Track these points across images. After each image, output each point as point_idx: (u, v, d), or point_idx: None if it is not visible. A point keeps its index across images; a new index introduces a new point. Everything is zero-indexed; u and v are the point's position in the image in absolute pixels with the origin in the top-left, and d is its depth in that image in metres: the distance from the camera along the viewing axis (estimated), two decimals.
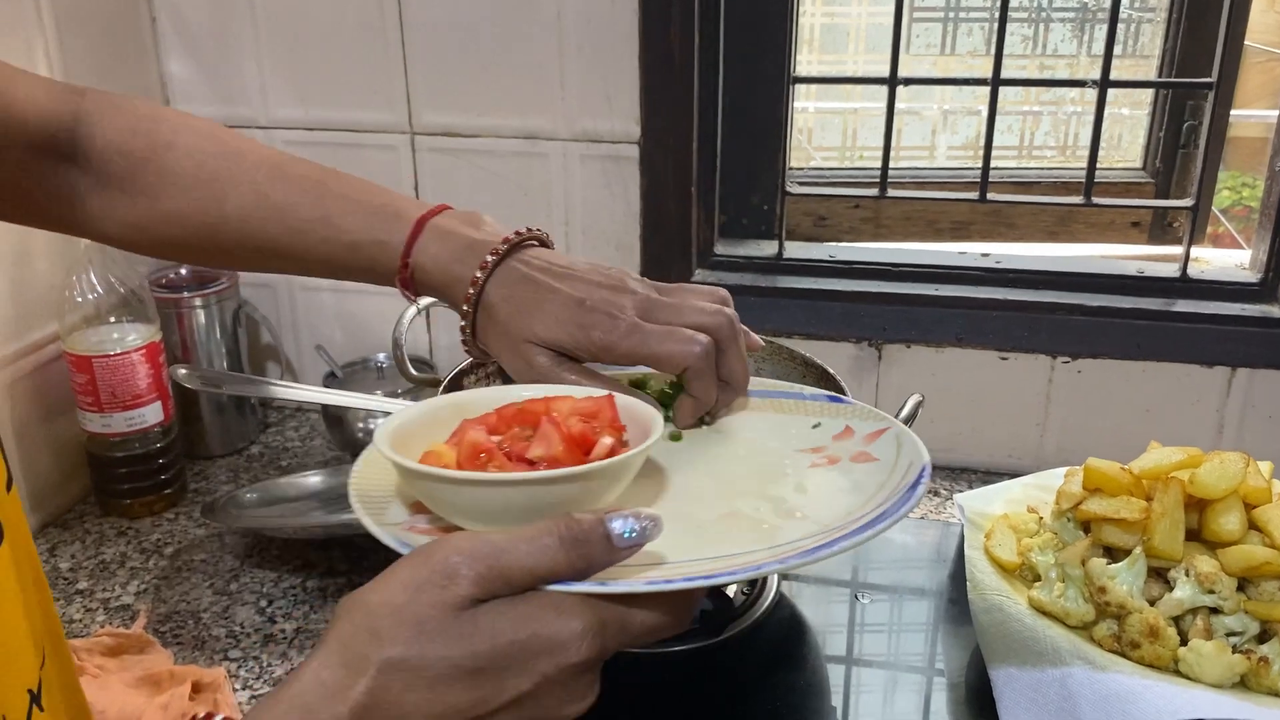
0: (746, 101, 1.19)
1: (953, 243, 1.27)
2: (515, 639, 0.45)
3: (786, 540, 0.53)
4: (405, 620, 0.45)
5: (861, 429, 0.66)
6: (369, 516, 0.54)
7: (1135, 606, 0.69)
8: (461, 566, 0.45)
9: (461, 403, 0.62)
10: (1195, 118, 1.24)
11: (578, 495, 0.52)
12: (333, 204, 0.71)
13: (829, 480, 0.60)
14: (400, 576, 0.46)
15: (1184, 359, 1.09)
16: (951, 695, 0.80)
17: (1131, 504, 0.73)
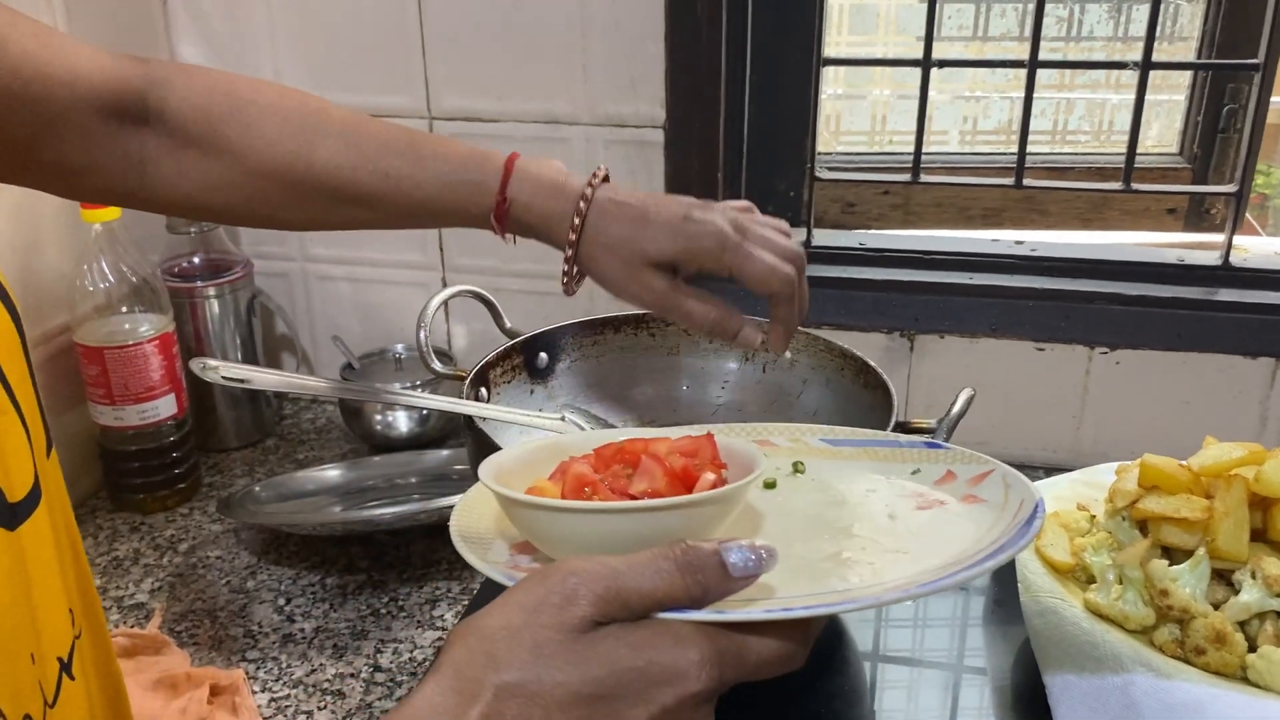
0: (774, 84, 1.16)
1: (985, 230, 1.24)
2: (634, 665, 0.43)
3: (900, 575, 0.51)
4: (522, 643, 0.43)
5: (964, 473, 0.64)
6: (473, 554, 0.53)
7: (1200, 611, 0.66)
8: (580, 587, 0.44)
9: (559, 445, 0.63)
10: (1235, 101, 1.20)
11: (682, 526, 0.51)
12: (422, 149, 0.73)
13: (937, 521, 0.59)
14: (517, 599, 0.45)
15: (1226, 350, 1.06)
16: (998, 698, 0.77)
17: (1193, 503, 0.69)
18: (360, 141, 0.73)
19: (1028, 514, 0.54)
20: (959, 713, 0.76)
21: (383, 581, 0.94)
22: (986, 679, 0.78)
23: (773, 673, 0.47)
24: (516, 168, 0.72)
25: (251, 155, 0.72)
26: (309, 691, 0.81)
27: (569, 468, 0.57)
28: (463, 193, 0.73)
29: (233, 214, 0.76)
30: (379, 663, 0.84)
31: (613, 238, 0.71)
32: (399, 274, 1.22)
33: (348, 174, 0.73)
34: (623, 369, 0.94)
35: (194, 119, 0.71)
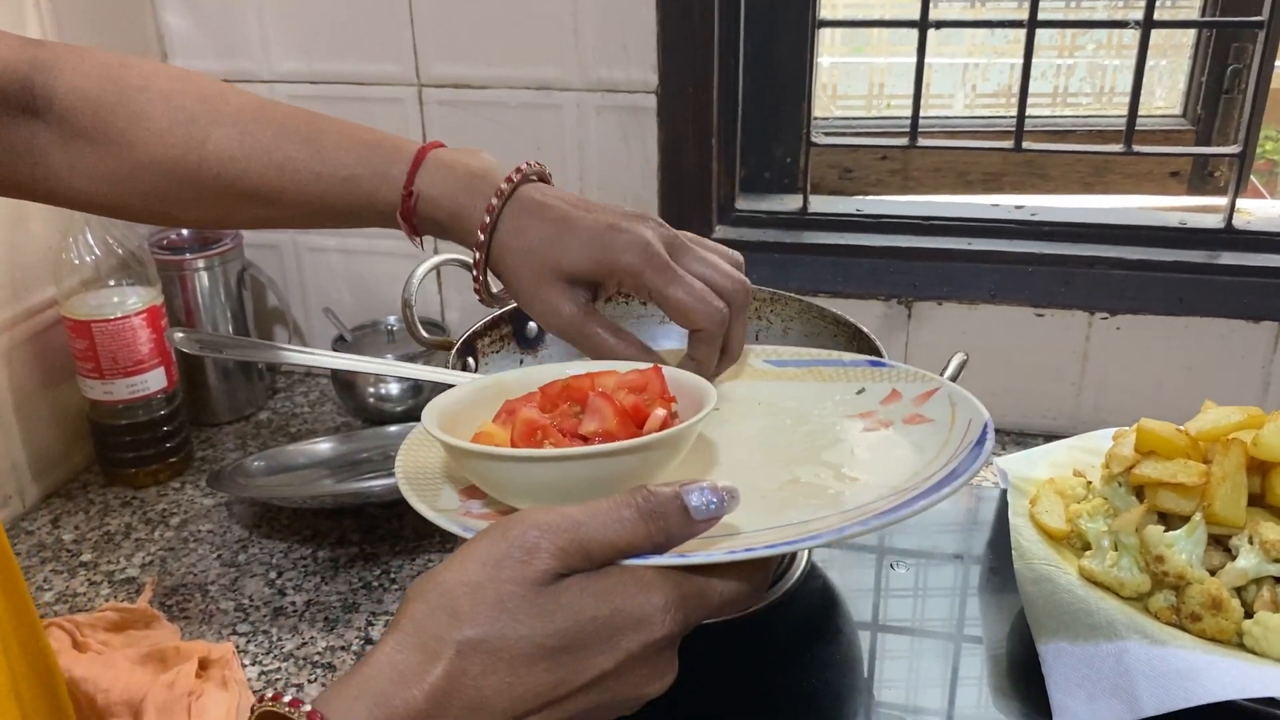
0: (769, 47, 1.14)
1: (985, 195, 1.22)
2: (598, 615, 0.43)
3: (855, 504, 0.51)
4: (485, 599, 0.43)
5: (909, 391, 0.63)
6: (424, 504, 0.53)
7: (1196, 577, 0.65)
8: (542, 540, 0.43)
9: (504, 383, 0.61)
10: (1240, 61, 1.18)
11: (638, 468, 0.50)
12: (324, 140, 0.67)
13: (886, 443, 0.58)
14: (477, 554, 0.44)
15: (1229, 314, 1.04)
16: (992, 666, 0.76)
17: (1190, 467, 0.68)
18: (256, 130, 0.67)
19: (976, 435, 0.54)
20: (955, 682, 0.75)
21: (374, 554, 0.94)
22: (982, 647, 0.77)
23: (735, 610, 0.47)
24: (429, 158, 0.65)
25: (140, 147, 0.67)
26: (299, 664, 0.81)
27: (516, 410, 0.56)
28: (366, 186, 0.66)
29: (130, 210, 0.71)
30: (370, 635, 0.83)
31: (527, 241, 0.62)
32: (391, 245, 1.21)
33: (241, 166, 0.67)
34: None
35: (81, 108, 0.67)
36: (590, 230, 0.61)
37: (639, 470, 0.51)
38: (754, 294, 0.92)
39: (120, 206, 0.70)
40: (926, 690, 0.74)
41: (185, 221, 0.73)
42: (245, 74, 1.17)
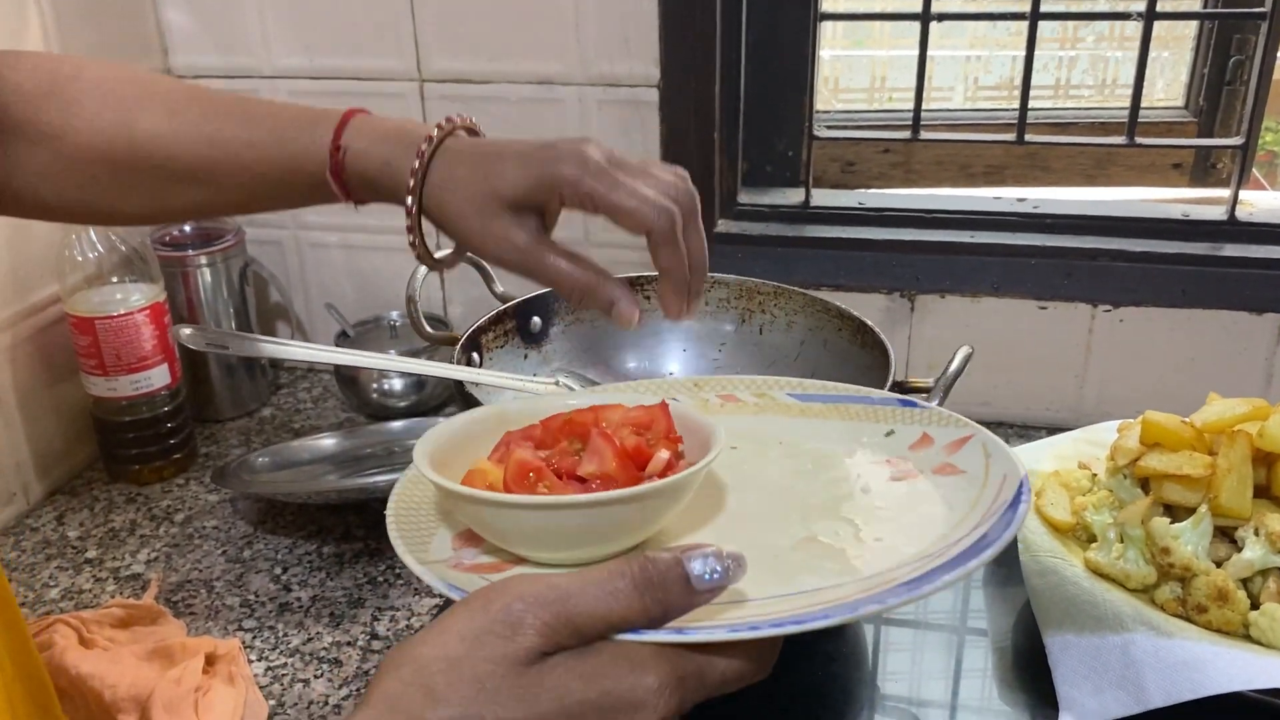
0: (771, 41, 1.14)
1: (987, 188, 1.22)
2: (585, 698, 0.40)
3: (875, 571, 0.48)
4: (463, 677, 0.40)
5: (941, 437, 0.60)
6: (411, 555, 0.50)
7: (1201, 568, 0.65)
8: (526, 615, 0.41)
9: (504, 413, 0.59)
10: (1242, 53, 1.18)
11: (636, 516, 0.48)
12: (253, 111, 0.67)
13: (913, 497, 0.55)
14: (456, 627, 0.41)
15: (1232, 306, 1.04)
16: (998, 659, 0.76)
17: (1195, 459, 0.68)
18: (186, 108, 0.67)
19: (1011, 494, 0.51)
20: (960, 674, 0.75)
21: (379, 550, 0.94)
22: (987, 640, 0.78)
23: (736, 687, 0.44)
24: (355, 119, 0.65)
25: (71, 135, 0.67)
26: (305, 660, 0.81)
27: (512, 448, 0.53)
28: (297, 147, 0.65)
29: (68, 208, 0.70)
30: (376, 630, 0.84)
31: (461, 179, 0.61)
32: (393, 240, 1.20)
33: (171, 143, 0.67)
34: (617, 332, 0.93)
35: (13, 101, 0.67)
36: (523, 152, 0.60)
37: (638, 518, 0.48)
38: (758, 288, 0.93)
39: (58, 204, 0.70)
40: (932, 683, 0.74)
41: (124, 215, 0.72)
42: (246, 70, 1.16)
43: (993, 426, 1.10)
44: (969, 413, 1.12)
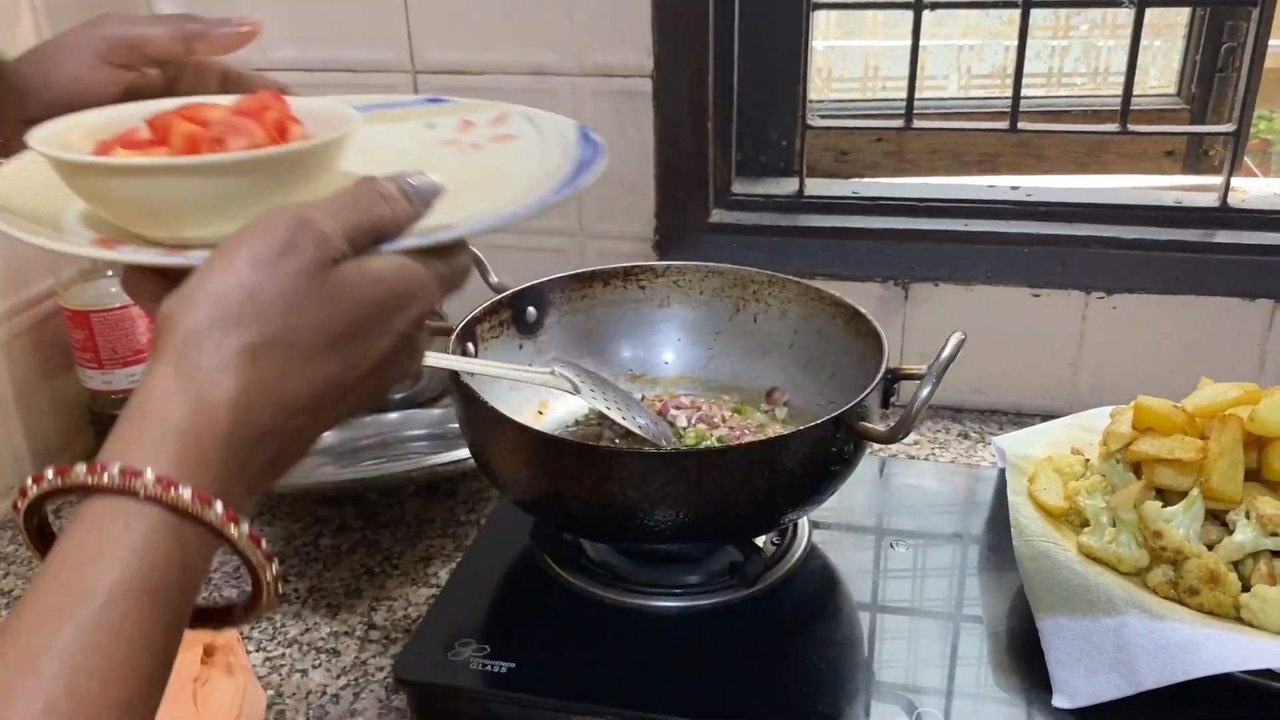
0: (764, 30, 1.14)
1: (980, 176, 1.22)
2: (375, 297, 0.44)
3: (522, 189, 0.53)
4: (267, 297, 0.41)
5: (480, 118, 0.63)
6: (57, 241, 0.49)
7: (1193, 551, 0.66)
8: (312, 231, 0.42)
9: (90, 125, 0.54)
10: (1234, 39, 1.18)
11: (301, 179, 0.49)
12: None
13: (496, 157, 0.59)
14: (243, 254, 0.42)
15: (1224, 292, 1.05)
16: (993, 644, 0.76)
17: (1187, 443, 0.69)
18: None
19: (577, 134, 0.57)
20: (956, 660, 0.75)
21: (376, 541, 0.94)
22: (982, 625, 0.78)
23: (464, 283, 0.50)
24: None
25: None
26: (304, 650, 0.81)
27: (134, 140, 0.51)
28: None
29: None
30: (373, 620, 0.84)
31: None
32: None
33: None
34: (613, 322, 0.93)
35: None
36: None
37: (300, 182, 0.49)
38: (751, 277, 0.93)
39: None
40: (927, 669, 0.74)
41: None
42: (239, 61, 1.16)
43: (987, 414, 1.12)
44: (963, 401, 1.14)
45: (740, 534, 0.76)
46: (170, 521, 0.39)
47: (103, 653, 0.37)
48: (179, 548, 0.40)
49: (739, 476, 0.67)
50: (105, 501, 0.39)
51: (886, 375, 0.76)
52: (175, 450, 0.39)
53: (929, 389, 0.68)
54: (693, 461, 0.66)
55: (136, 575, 0.38)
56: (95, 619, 0.37)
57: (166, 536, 0.39)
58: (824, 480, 0.72)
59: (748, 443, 0.73)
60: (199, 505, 0.39)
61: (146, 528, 0.39)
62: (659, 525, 0.68)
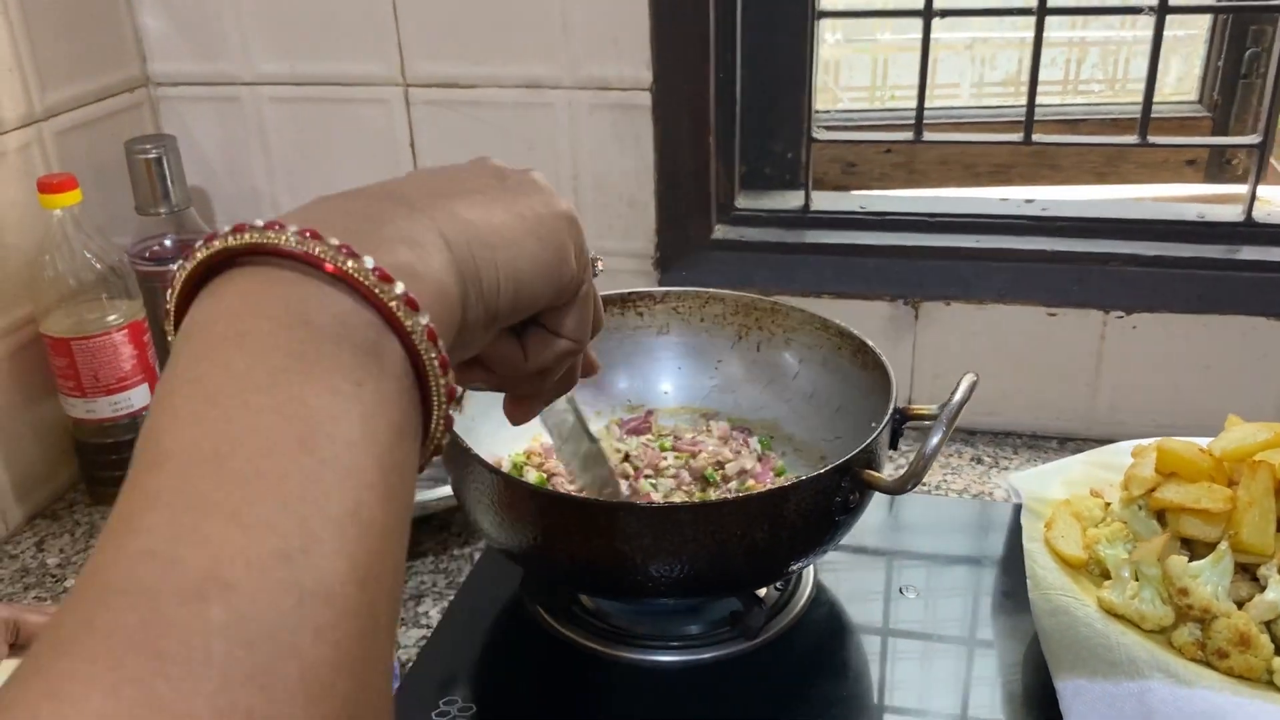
0: (767, 39, 1.10)
1: (993, 188, 1.18)
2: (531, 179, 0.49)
3: None
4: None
5: None
6: None
7: (1222, 610, 0.61)
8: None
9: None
10: (1259, 44, 1.13)
11: None
12: None
13: None
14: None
15: (1249, 311, 1.00)
16: (1008, 700, 0.72)
17: (1215, 492, 0.65)
18: None
19: None
20: (968, 714, 0.72)
21: None
22: (998, 680, 0.74)
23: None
24: None
25: None
26: None
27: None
28: None
29: None
30: None
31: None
32: None
33: None
34: (609, 350, 0.89)
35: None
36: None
37: None
38: (754, 304, 0.89)
39: None
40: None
41: None
42: (226, 76, 1.13)
43: (1001, 437, 1.08)
44: (976, 423, 1.10)
45: (742, 587, 0.72)
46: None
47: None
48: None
49: (738, 530, 0.63)
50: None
51: (895, 416, 0.72)
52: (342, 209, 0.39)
53: (939, 436, 0.64)
54: (689, 515, 0.62)
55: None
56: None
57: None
58: (828, 530, 0.68)
59: (746, 495, 0.69)
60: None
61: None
62: (654, 580, 0.65)
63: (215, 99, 1.14)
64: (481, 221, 0.41)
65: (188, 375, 0.33)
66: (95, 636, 0.26)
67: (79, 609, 0.27)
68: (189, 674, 0.25)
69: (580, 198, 1.10)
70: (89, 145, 1.06)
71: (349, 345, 0.33)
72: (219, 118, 1.15)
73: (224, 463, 0.29)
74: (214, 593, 0.27)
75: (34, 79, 0.99)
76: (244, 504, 0.29)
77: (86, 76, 1.06)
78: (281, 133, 1.14)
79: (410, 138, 1.11)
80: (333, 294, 0.34)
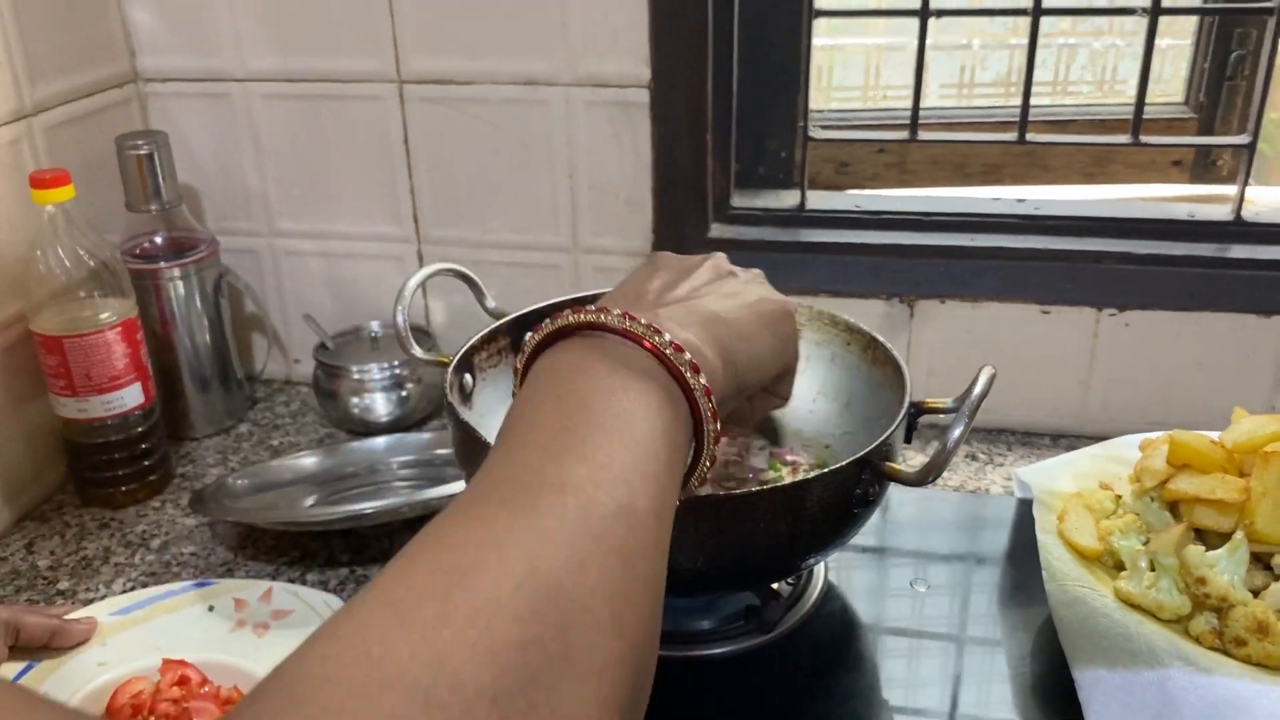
0: (764, 38, 1.10)
1: (984, 187, 1.19)
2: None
3: None
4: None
5: (250, 594, 0.84)
6: None
7: (1239, 599, 0.62)
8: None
9: None
10: (1244, 47, 1.15)
11: None
12: None
13: (284, 640, 0.77)
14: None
15: (1239, 308, 1.02)
16: (1025, 696, 0.73)
17: (1228, 482, 0.65)
18: None
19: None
20: (978, 705, 0.72)
21: (365, 576, 0.90)
22: (1010, 672, 0.74)
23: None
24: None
25: None
26: None
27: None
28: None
29: None
30: None
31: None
32: (372, 247, 1.17)
33: None
34: None
35: None
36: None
37: None
38: None
39: None
40: (951, 711, 0.71)
41: None
42: (218, 72, 1.11)
43: (995, 434, 1.09)
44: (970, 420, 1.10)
45: (759, 581, 0.72)
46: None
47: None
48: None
49: (761, 522, 0.63)
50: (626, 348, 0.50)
51: (911, 409, 0.72)
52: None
53: (961, 428, 0.64)
54: (712, 508, 0.62)
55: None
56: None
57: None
58: (847, 523, 0.68)
59: (771, 488, 0.69)
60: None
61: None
62: (673, 576, 0.64)
63: (206, 95, 1.13)
64: (732, 317, 0.57)
65: (543, 387, 0.49)
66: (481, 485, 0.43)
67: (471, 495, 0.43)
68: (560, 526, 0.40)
69: (576, 196, 1.09)
70: (79, 141, 1.05)
71: (654, 384, 0.48)
72: (210, 114, 1.13)
73: (572, 431, 0.44)
74: (567, 489, 0.41)
75: (24, 73, 0.97)
76: (588, 447, 0.43)
77: (76, 71, 1.04)
78: (273, 130, 1.13)
79: (405, 134, 1.10)
80: (643, 354, 0.49)
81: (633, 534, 0.41)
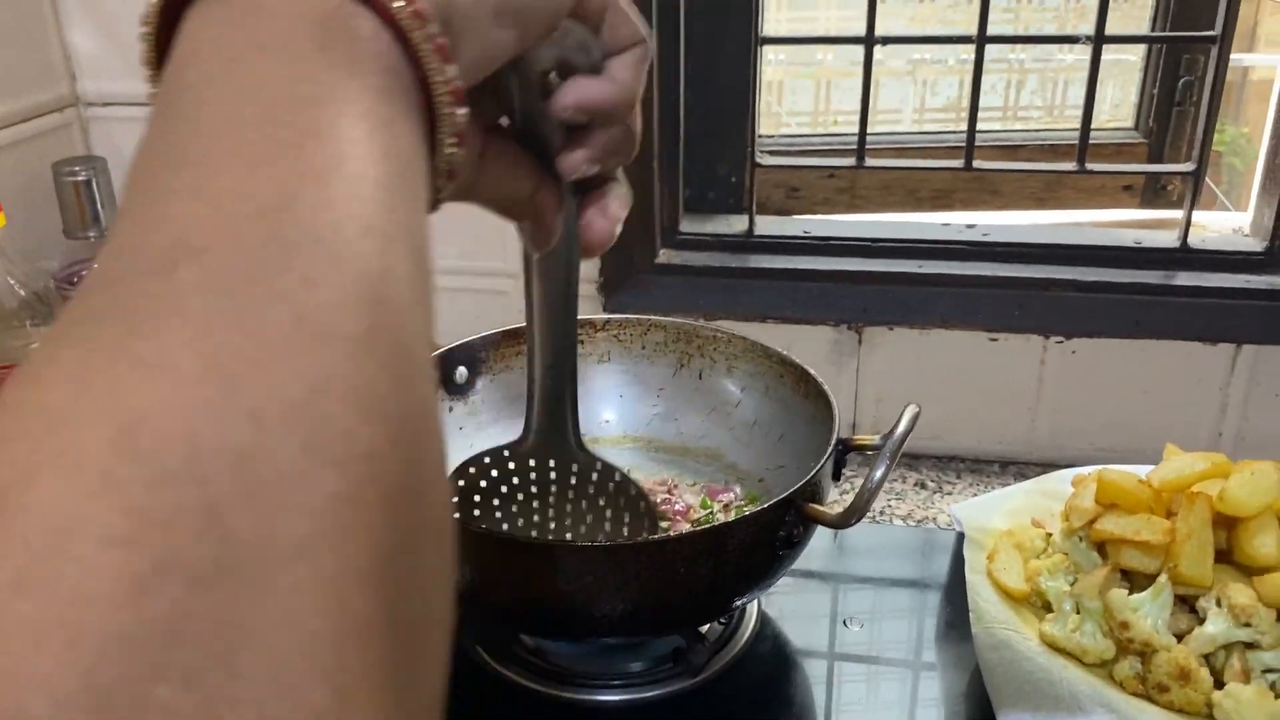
0: (711, 65, 1.09)
1: (935, 212, 1.18)
2: None
3: None
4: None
5: None
6: None
7: (1162, 644, 0.62)
8: None
9: None
10: (1192, 73, 1.15)
11: None
12: None
13: None
14: None
15: (1185, 336, 1.01)
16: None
17: (1154, 524, 0.65)
18: None
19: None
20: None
21: None
22: (942, 708, 0.74)
23: None
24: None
25: None
26: None
27: None
28: None
29: None
30: None
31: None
32: None
33: None
34: None
35: None
36: None
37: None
38: (696, 331, 0.89)
39: None
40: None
41: None
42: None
43: (945, 461, 1.08)
44: (920, 448, 1.10)
45: (684, 624, 0.71)
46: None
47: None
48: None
49: (681, 567, 0.62)
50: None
51: (838, 447, 0.71)
52: None
53: (883, 470, 0.63)
54: (629, 554, 0.61)
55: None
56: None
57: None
58: (771, 565, 0.67)
59: (689, 532, 0.68)
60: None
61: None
62: (597, 620, 0.63)
63: (148, 119, 1.11)
64: None
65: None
66: (65, 324, 0.25)
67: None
68: (162, 328, 0.24)
69: None
70: (15, 166, 1.03)
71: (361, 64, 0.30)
72: None
73: (187, 150, 0.28)
74: (182, 258, 0.25)
75: None
76: (205, 180, 0.27)
77: (13, 96, 1.03)
78: None
79: None
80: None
81: (323, 264, 0.26)
